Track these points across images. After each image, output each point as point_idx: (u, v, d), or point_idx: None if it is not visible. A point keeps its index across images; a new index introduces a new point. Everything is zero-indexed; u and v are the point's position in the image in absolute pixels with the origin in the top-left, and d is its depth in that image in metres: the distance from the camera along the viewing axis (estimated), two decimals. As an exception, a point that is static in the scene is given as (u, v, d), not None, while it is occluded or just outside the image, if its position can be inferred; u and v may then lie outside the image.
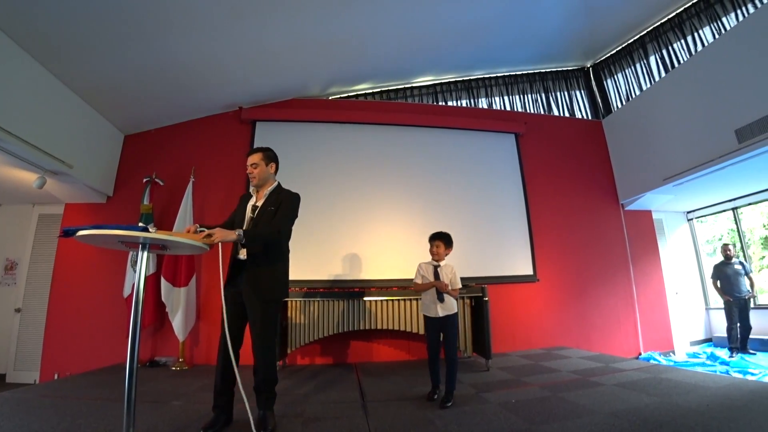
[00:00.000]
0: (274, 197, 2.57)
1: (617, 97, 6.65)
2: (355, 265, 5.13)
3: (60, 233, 1.91)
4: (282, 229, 2.51)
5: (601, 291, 5.69)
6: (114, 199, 5.24)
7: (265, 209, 2.50)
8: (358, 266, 5.13)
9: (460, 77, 6.64)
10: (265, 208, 2.51)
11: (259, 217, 2.48)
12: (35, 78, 3.94)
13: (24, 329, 5.09)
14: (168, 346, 4.74)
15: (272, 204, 2.52)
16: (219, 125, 5.60)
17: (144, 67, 4.41)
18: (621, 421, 2.31)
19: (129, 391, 1.88)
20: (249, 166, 2.58)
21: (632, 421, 2.29)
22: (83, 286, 4.90)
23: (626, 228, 6.07)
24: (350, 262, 5.14)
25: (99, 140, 4.99)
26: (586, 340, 5.36)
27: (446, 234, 3.20)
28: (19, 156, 3.91)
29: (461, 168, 5.76)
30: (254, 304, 2.38)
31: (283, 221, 2.51)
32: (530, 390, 3.14)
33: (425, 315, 3.13)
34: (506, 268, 5.43)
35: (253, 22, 4.18)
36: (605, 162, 6.39)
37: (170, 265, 4.57)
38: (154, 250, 2.15)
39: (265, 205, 2.52)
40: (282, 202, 2.54)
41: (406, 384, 3.54)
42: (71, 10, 3.49)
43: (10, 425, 2.41)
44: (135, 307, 1.99)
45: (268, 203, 2.53)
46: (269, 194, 2.58)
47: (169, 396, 3.15)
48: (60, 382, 3.91)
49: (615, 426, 2.24)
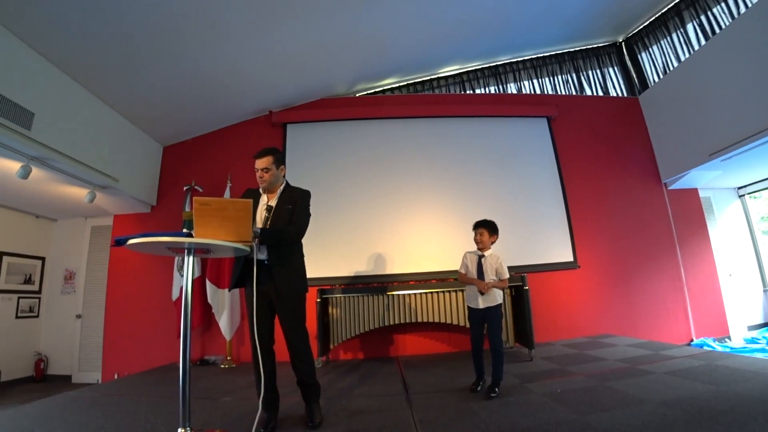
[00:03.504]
0: (287, 195, 2.58)
1: (654, 71, 6.32)
2: (393, 259, 5.17)
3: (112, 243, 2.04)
4: (305, 227, 2.58)
5: (647, 275, 5.46)
6: (158, 208, 5.52)
7: (282, 208, 2.52)
8: (396, 260, 5.17)
9: (487, 64, 6.51)
10: (281, 208, 2.53)
11: (276, 217, 2.49)
12: (80, 101, 4.22)
13: (85, 333, 5.48)
14: (216, 345, 4.97)
15: (287, 202, 2.55)
16: (251, 130, 5.76)
17: (176, 81, 4.61)
18: (673, 410, 2.21)
19: (183, 389, 2.00)
20: (260, 170, 2.51)
21: (686, 411, 2.19)
22: (135, 292, 5.21)
23: (671, 208, 5.78)
24: (387, 257, 5.18)
25: (140, 153, 5.26)
26: (633, 326, 5.17)
27: (490, 221, 3.09)
28: (70, 174, 4.20)
29: (493, 156, 5.67)
30: (287, 301, 2.45)
31: (305, 220, 2.58)
32: (576, 379, 3.08)
33: (468, 306, 3.08)
34: (545, 255, 5.32)
35: (274, 29, 4.27)
36: (644, 140, 6.09)
37: (214, 268, 4.77)
38: (199, 254, 2.26)
39: (281, 204, 2.53)
40: (297, 200, 2.57)
41: (448, 376, 3.55)
42: (108, 36, 3.72)
43: (78, 422, 2.62)
44: (184, 309, 2.09)
45: (282, 202, 2.54)
46: (282, 193, 2.59)
47: (219, 392, 3.32)
48: (120, 381, 4.19)
49: (667, 416, 2.15)
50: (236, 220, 2.08)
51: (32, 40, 3.52)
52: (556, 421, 2.21)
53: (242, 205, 2.10)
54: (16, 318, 5.45)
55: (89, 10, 3.39)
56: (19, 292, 5.53)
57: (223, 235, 2.06)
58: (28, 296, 5.65)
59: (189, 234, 2.05)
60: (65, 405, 3.04)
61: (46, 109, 3.70)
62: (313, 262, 5.28)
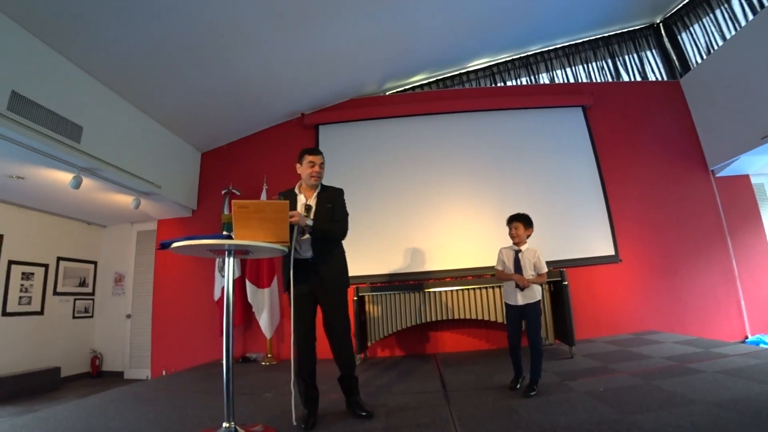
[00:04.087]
0: (324, 195, 2.67)
1: (696, 52, 5.95)
2: (428, 256, 5.16)
3: (157, 246, 2.15)
4: (347, 225, 2.71)
5: (694, 268, 5.18)
6: (198, 211, 5.75)
7: (323, 206, 2.61)
8: (431, 257, 5.16)
9: (517, 54, 6.36)
10: (322, 206, 2.61)
11: (317, 216, 2.56)
12: (123, 113, 4.48)
13: (135, 332, 5.80)
14: (257, 343, 5.13)
15: (327, 201, 2.64)
16: (284, 133, 5.90)
17: (211, 90, 4.80)
18: (727, 411, 2.08)
19: (227, 385, 2.10)
20: (317, 165, 2.62)
21: (741, 412, 2.05)
22: (180, 292, 5.45)
23: (719, 196, 5.44)
24: (423, 254, 5.18)
25: (180, 160, 5.50)
26: (680, 322, 4.93)
27: (524, 214, 3.02)
28: (117, 182, 4.46)
29: (527, 149, 5.54)
30: (332, 296, 2.56)
31: (346, 218, 2.71)
32: (619, 378, 2.96)
33: (506, 303, 3.02)
34: (585, 249, 5.15)
35: (302, 34, 4.35)
36: (688, 126, 5.77)
37: (253, 268, 4.93)
38: (239, 255, 2.35)
39: (321, 203, 2.62)
40: (335, 198, 2.68)
41: (486, 373, 3.51)
42: (147, 51, 3.93)
43: (131, 415, 2.79)
44: (226, 308, 2.19)
45: (322, 201, 2.64)
46: (319, 192, 2.68)
47: (261, 389, 3.43)
48: (168, 377, 4.40)
49: (720, 417, 2.02)
50: (274, 221, 2.14)
51: (79, 60, 3.77)
52: (598, 420, 2.14)
53: (279, 206, 2.17)
54: (73, 318, 5.85)
55: (129, 29, 3.59)
56: (75, 294, 5.93)
57: (262, 236, 2.13)
58: (83, 298, 6.04)
59: (229, 236, 2.13)
60: (119, 399, 3.24)
61: (93, 123, 3.94)
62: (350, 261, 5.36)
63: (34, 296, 5.33)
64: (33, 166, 3.92)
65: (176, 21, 3.69)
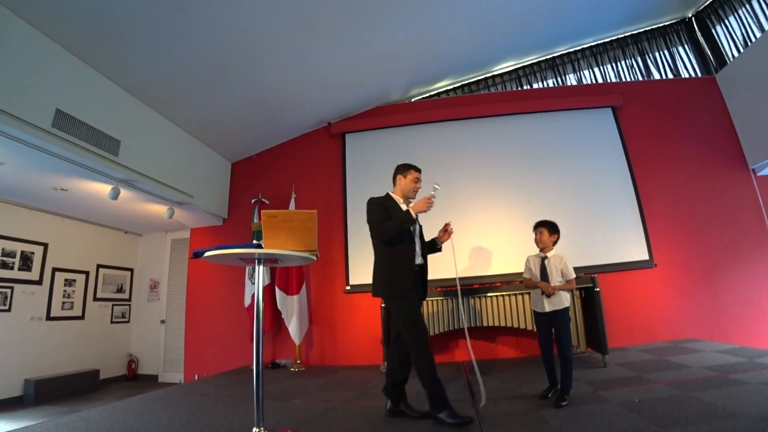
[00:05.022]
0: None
1: (732, 46, 5.70)
2: (457, 262, 5.09)
3: (190, 255, 2.24)
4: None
5: (736, 273, 4.92)
6: (229, 220, 5.92)
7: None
8: (460, 264, 5.08)
9: (543, 56, 6.26)
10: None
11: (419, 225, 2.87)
12: (158, 126, 4.68)
13: (169, 337, 6.00)
14: (286, 349, 5.21)
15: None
16: (311, 142, 6.00)
17: (241, 102, 4.95)
18: (774, 425, 1.97)
19: (257, 390, 2.15)
20: (420, 182, 2.92)
21: None
22: (211, 299, 5.61)
23: (761, 196, 5.17)
24: (451, 261, 5.11)
25: (211, 171, 5.68)
26: (722, 330, 4.70)
27: (549, 221, 3.04)
28: (152, 193, 4.65)
29: (556, 152, 5.44)
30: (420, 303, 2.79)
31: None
32: (656, 388, 2.84)
33: (534, 310, 3.03)
34: (617, 254, 4.99)
35: (328, 44, 4.43)
36: (725, 123, 5.52)
37: (282, 275, 5.02)
38: (268, 263, 2.40)
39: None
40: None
41: (516, 382, 3.45)
42: (179, 68, 4.11)
43: (166, 418, 2.89)
44: (256, 315, 2.25)
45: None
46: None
47: (290, 394, 3.49)
48: (200, 382, 4.52)
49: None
50: (302, 231, 2.19)
51: (117, 77, 3.97)
52: (634, 432, 2.07)
53: (307, 216, 2.21)
54: (111, 323, 6.11)
55: (163, 47, 3.78)
56: (113, 300, 6.19)
57: (291, 245, 2.17)
58: (120, 303, 6.30)
59: (259, 245, 2.18)
60: (154, 402, 3.36)
61: (129, 137, 4.13)
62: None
63: (75, 302, 5.60)
64: (75, 178, 4.15)
65: (207, 38, 3.83)
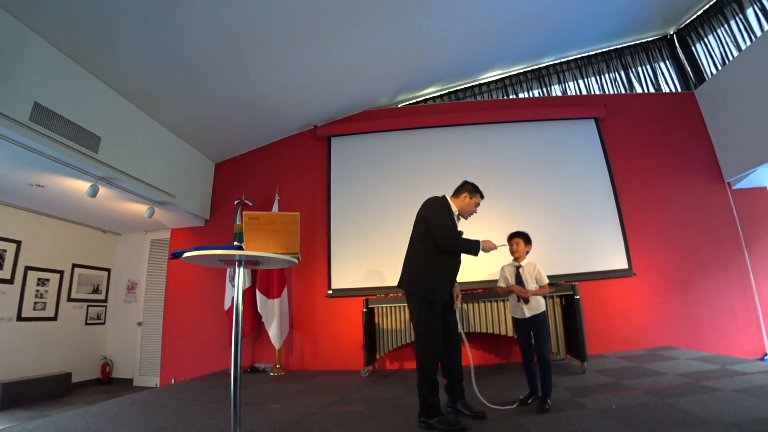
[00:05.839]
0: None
1: (710, 63, 5.89)
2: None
3: (169, 256, 2.18)
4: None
5: (711, 283, 5.05)
6: (211, 221, 5.82)
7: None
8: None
9: (530, 66, 6.36)
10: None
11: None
12: (140, 124, 4.58)
13: (145, 340, 5.84)
14: (266, 353, 5.12)
15: None
16: (297, 144, 5.96)
17: (226, 102, 4.88)
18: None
19: (234, 395, 2.10)
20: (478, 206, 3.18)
21: None
22: (191, 301, 5.49)
23: (736, 209, 5.34)
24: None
25: (194, 171, 5.58)
26: (696, 338, 4.80)
27: (523, 232, 3.19)
28: (133, 191, 4.54)
29: (539, 161, 5.50)
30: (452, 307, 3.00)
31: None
32: (633, 395, 2.89)
33: (513, 317, 3.10)
34: (597, 263, 5.07)
35: (317, 47, 4.41)
36: (703, 137, 5.69)
37: (264, 278, 4.94)
38: (249, 265, 2.36)
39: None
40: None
41: (496, 388, 3.45)
42: (164, 65, 4.04)
43: (139, 422, 2.81)
44: (235, 318, 2.20)
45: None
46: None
47: (269, 399, 3.40)
48: (177, 385, 4.41)
49: None
50: (284, 233, 2.16)
51: (99, 72, 3.87)
52: (613, 439, 2.09)
53: (290, 218, 2.18)
54: (86, 324, 5.92)
55: (148, 44, 3.70)
56: (88, 301, 6.01)
57: (272, 247, 2.14)
58: (96, 304, 6.12)
59: (240, 247, 2.14)
60: (128, 407, 3.26)
61: (111, 133, 4.03)
62: (361, 272, 5.29)
63: (48, 302, 5.41)
64: (52, 174, 4.03)
65: (193, 36, 3.78)
